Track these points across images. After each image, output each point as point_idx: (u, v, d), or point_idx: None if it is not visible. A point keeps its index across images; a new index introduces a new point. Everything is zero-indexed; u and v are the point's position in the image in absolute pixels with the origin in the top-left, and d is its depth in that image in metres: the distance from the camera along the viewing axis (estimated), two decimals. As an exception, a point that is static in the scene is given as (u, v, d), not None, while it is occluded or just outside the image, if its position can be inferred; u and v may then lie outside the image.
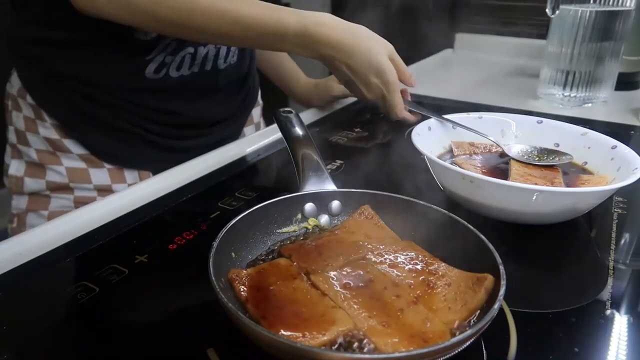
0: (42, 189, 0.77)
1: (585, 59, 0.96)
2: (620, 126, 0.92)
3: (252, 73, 0.92)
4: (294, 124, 0.59)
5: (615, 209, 0.61)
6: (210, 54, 0.78)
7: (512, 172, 0.62)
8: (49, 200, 0.78)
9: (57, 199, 0.78)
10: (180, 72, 0.76)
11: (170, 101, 0.78)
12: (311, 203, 0.53)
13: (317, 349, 0.34)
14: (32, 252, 0.51)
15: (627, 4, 0.93)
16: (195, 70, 0.77)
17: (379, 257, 0.45)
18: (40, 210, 0.78)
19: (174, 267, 0.50)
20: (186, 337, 0.41)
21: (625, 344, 0.41)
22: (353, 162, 0.74)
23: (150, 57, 0.73)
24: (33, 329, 0.42)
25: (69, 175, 0.77)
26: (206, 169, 0.71)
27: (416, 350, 0.35)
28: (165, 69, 0.75)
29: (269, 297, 0.40)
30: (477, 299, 0.40)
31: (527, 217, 0.55)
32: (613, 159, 0.61)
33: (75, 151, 0.77)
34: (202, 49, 0.76)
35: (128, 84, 0.74)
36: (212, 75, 0.80)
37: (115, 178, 0.79)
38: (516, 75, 1.27)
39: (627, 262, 0.52)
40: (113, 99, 0.75)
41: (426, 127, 0.68)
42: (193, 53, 0.76)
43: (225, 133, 0.87)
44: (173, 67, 0.75)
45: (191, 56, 0.76)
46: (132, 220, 0.58)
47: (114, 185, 0.79)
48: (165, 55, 0.73)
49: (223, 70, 0.81)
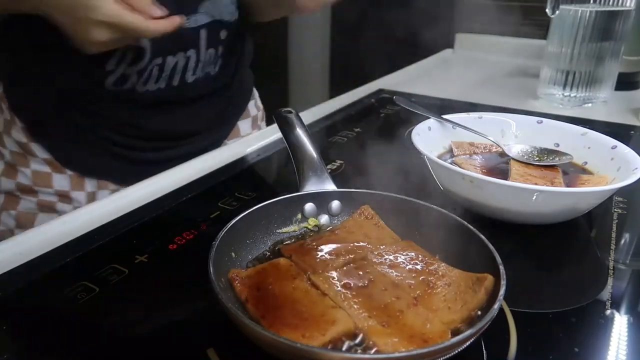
0: (13, 189, 0.78)
1: (585, 59, 0.96)
2: (620, 126, 0.91)
3: (234, 85, 0.88)
4: (294, 124, 0.59)
5: (615, 209, 0.61)
6: (179, 65, 0.74)
7: (512, 172, 0.62)
8: (19, 201, 0.79)
9: (25, 200, 0.79)
10: (146, 87, 0.73)
11: (135, 114, 0.76)
12: (311, 203, 0.53)
13: (317, 349, 0.34)
14: (32, 252, 0.51)
15: (627, 4, 0.93)
16: (162, 85, 0.74)
17: (379, 257, 0.45)
18: (11, 210, 0.78)
19: (174, 267, 0.50)
20: (186, 337, 0.41)
21: (625, 344, 0.41)
22: (353, 162, 0.74)
23: (109, 69, 0.70)
24: (33, 329, 0.42)
25: (33, 178, 0.78)
26: (206, 169, 0.71)
27: (416, 350, 0.35)
28: (129, 83, 0.72)
29: (269, 297, 0.40)
30: (477, 299, 0.40)
31: (527, 217, 0.55)
32: (613, 159, 0.61)
33: (41, 155, 0.77)
34: (171, 59, 0.73)
35: (89, 92, 0.73)
36: (180, 89, 0.77)
37: (76, 185, 0.79)
38: (516, 75, 1.27)
39: (627, 262, 0.52)
40: (77, 106, 0.75)
41: (426, 127, 0.68)
42: (161, 64, 0.72)
43: (199, 146, 0.83)
44: (140, 82, 0.72)
45: (159, 67, 0.72)
46: (132, 220, 0.58)
47: (72, 192, 0.79)
48: (126, 67, 0.71)
49: (191, 83, 0.77)
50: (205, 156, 0.76)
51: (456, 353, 0.34)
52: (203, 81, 0.79)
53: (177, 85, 0.76)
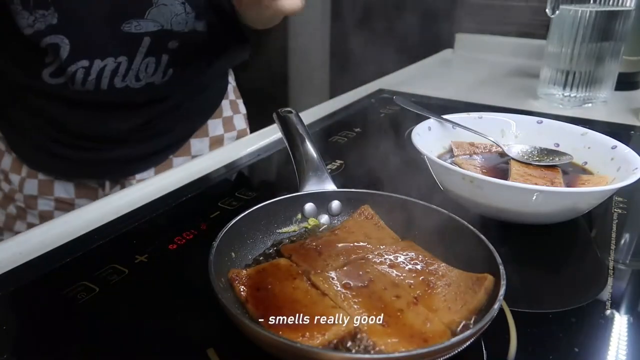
0: None
1: (585, 59, 0.96)
2: (620, 126, 0.91)
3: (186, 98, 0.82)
4: (294, 124, 0.59)
5: (615, 209, 0.61)
6: (107, 70, 0.70)
7: (512, 172, 0.62)
8: None
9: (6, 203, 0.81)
10: (74, 87, 0.71)
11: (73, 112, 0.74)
12: (311, 203, 0.53)
13: (317, 349, 0.34)
14: (32, 252, 0.51)
15: (627, 4, 0.93)
16: (91, 88, 0.71)
17: (379, 257, 0.45)
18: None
19: (174, 267, 0.50)
20: (186, 337, 0.41)
21: (625, 344, 0.41)
22: (353, 162, 0.74)
23: (48, 60, 0.69)
24: (33, 329, 0.42)
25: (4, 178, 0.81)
26: (206, 169, 0.71)
27: (416, 350, 0.35)
28: (63, 77, 0.70)
29: (269, 297, 0.40)
30: (477, 299, 0.40)
31: (527, 217, 0.55)
32: (613, 159, 0.61)
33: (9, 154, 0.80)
34: (99, 63, 0.69)
35: (29, 84, 0.73)
36: (107, 94, 0.73)
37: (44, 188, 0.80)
38: (516, 75, 1.27)
39: (627, 262, 0.52)
40: (22, 101, 0.75)
41: (426, 127, 0.68)
42: (87, 67, 0.69)
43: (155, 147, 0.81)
44: (70, 82, 0.70)
45: (85, 70, 0.69)
46: (132, 220, 0.58)
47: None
48: (60, 63, 0.69)
49: (121, 89, 0.73)
50: (206, 156, 0.76)
51: (456, 353, 0.34)
52: (137, 89, 0.74)
53: (106, 89, 0.72)
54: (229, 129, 0.91)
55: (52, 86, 0.71)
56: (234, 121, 0.92)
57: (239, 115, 0.94)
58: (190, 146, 0.86)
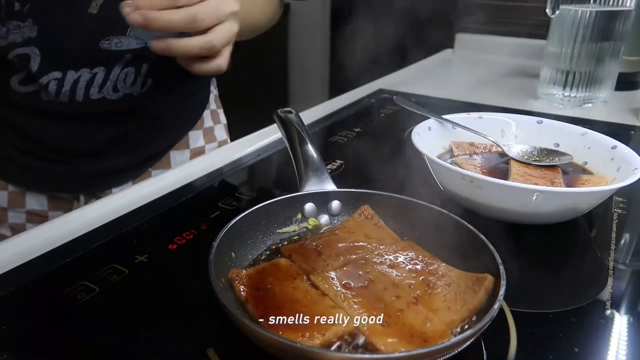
0: None
1: (585, 59, 0.96)
2: (620, 126, 0.91)
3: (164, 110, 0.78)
4: (294, 124, 0.59)
5: (615, 209, 0.61)
6: (82, 80, 0.66)
7: (512, 172, 0.62)
8: None
9: None
10: (47, 97, 0.67)
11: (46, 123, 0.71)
12: (311, 203, 0.53)
13: (317, 349, 0.34)
14: (32, 252, 0.51)
15: (627, 4, 0.93)
16: (65, 100, 0.67)
17: (379, 257, 0.45)
18: None
19: (174, 267, 0.50)
20: (186, 337, 0.41)
21: (625, 344, 0.41)
22: (353, 162, 0.74)
23: (16, 69, 0.65)
24: (33, 329, 0.42)
25: None
26: (206, 169, 0.71)
27: (416, 350, 0.35)
28: (34, 85, 0.66)
29: (269, 297, 0.40)
30: (477, 299, 0.40)
31: (527, 217, 0.55)
32: (613, 159, 0.61)
33: None
34: (73, 74, 0.65)
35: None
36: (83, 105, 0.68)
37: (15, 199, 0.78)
38: (516, 75, 1.27)
39: (627, 262, 0.52)
40: None
41: (426, 127, 0.68)
42: (60, 78, 0.65)
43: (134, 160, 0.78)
44: (42, 89, 0.66)
45: (57, 82, 0.65)
46: (132, 220, 0.58)
47: None
48: (30, 73, 0.65)
49: (98, 100, 0.68)
50: (206, 156, 0.76)
51: (456, 353, 0.34)
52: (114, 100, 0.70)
53: (82, 100, 0.68)
54: (210, 140, 0.87)
55: (21, 94, 0.67)
56: (215, 132, 0.88)
57: (220, 125, 0.90)
58: (171, 159, 0.82)
